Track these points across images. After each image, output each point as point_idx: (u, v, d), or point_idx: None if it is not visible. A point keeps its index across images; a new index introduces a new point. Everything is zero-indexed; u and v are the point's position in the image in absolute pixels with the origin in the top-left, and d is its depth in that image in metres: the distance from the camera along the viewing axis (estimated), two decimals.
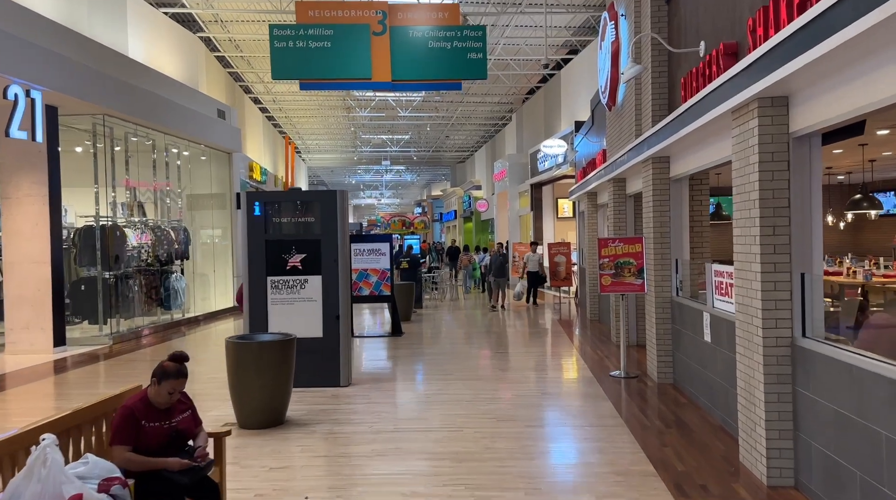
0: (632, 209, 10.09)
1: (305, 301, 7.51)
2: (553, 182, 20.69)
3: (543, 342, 10.78)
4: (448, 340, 11.07)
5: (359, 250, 11.61)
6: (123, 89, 11.41)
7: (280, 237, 7.53)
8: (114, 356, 10.10)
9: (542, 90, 22.64)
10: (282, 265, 7.49)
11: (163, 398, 3.35)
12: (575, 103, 18.49)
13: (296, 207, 7.55)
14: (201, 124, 14.56)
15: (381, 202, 67.68)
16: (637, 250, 7.97)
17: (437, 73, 12.14)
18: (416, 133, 33.59)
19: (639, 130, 8.24)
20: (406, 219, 23.06)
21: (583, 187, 13.45)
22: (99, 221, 11.80)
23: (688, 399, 6.84)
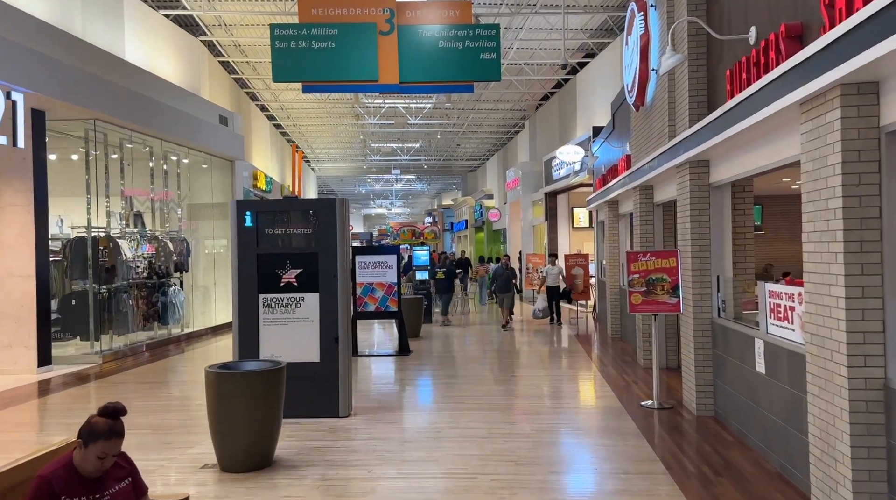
0: (660, 219, 9.27)
1: (301, 322, 6.75)
2: (568, 191, 19.89)
3: (563, 364, 9.94)
4: (459, 360, 10.26)
5: (364, 263, 10.85)
6: (116, 93, 10.77)
7: (273, 250, 6.78)
8: (102, 377, 9.39)
9: (557, 96, 21.89)
10: (275, 282, 6.74)
11: (91, 465, 2.60)
12: (592, 108, 17.71)
13: (291, 218, 6.80)
14: (201, 131, 13.92)
15: (391, 212, 67.12)
16: (671, 265, 7.14)
17: (447, 75, 11.40)
18: (426, 141, 32.94)
19: (672, 131, 7.43)
20: (416, 229, 22.31)
21: (603, 196, 12.64)
22: (91, 232, 11.14)
23: (734, 437, 5.98)
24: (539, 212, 22.06)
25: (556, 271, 14.66)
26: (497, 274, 14.22)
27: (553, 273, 14.62)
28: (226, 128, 15.30)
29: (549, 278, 14.61)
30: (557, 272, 14.61)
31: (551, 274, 14.62)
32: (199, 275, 15.16)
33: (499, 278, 14.04)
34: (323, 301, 6.73)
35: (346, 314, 6.83)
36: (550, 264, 14.99)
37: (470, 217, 36.24)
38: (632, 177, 9.44)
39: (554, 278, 14.57)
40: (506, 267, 14.18)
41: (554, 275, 14.59)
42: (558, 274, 14.59)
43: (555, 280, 14.56)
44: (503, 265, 14.26)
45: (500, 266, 14.41)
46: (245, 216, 6.73)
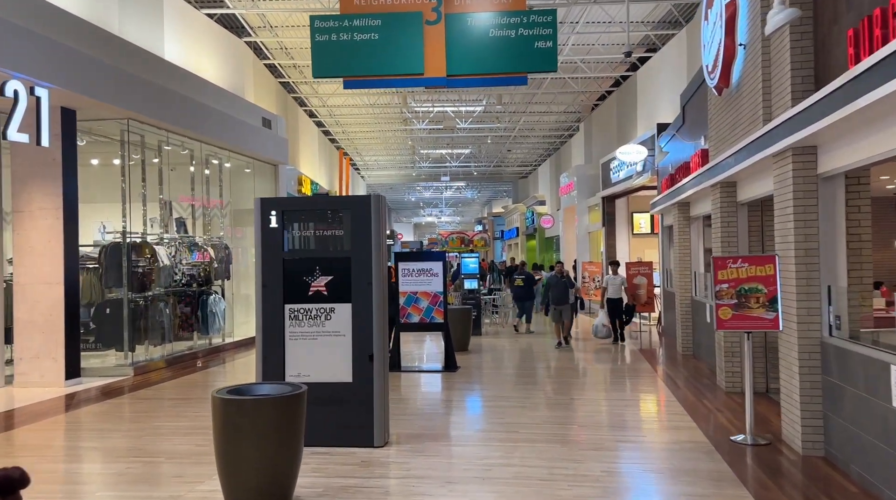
0: (745, 220, 8.06)
1: (331, 336, 5.91)
2: (628, 194, 18.61)
3: (629, 385, 8.80)
4: (510, 378, 9.24)
5: (407, 270, 10.00)
6: (151, 91, 10.31)
7: (301, 255, 5.98)
8: (131, 391, 8.82)
9: (615, 94, 20.65)
10: (303, 290, 5.93)
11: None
12: (655, 105, 16.46)
13: (320, 217, 5.99)
14: (244, 133, 13.42)
15: (441, 221, 66.51)
16: (768, 273, 5.98)
17: (499, 66, 10.48)
18: (476, 147, 32.08)
19: (767, 114, 6.29)
20: (465, 236, 21.44)
21: (671, 197, 11.43)
22: (126, 238, 10.69)
23: (858, 486, 4.79)
24: (595, 217, 20.82)
25: (619, 281, 12.90)
26: (551, 284, 12.72)
27: (615, 284, 12.82)
28: (269, 131, 14.80)
29: (610, 290, 12.76)
30: (620, 283, 12.88)
31: (612, 285, 12.82)
32: (242, 283, 14.65)
33: (553, 288, 12.54)
34: (356, 313, 5.88)
35: (382, 328, 5.95)
36: (612, 274, 13.13)
37: (521, 224, 35.13)
38: (710, 173, 8.27)
39: (615, 290, 12.77)
40: (561, 275, 12.71)
41: (616, 286, 12.81)
42: (620, 285, 12.88)
43: (616, 292, 12.79)
44: (557, 274, 12.78)
45: (554, 275, 12.95)
46: (270, 216, 5.96)
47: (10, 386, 9.10)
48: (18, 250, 9.13)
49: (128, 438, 6.35)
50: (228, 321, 13.56)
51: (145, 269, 11.07)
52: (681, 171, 10.99)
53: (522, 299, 14.88)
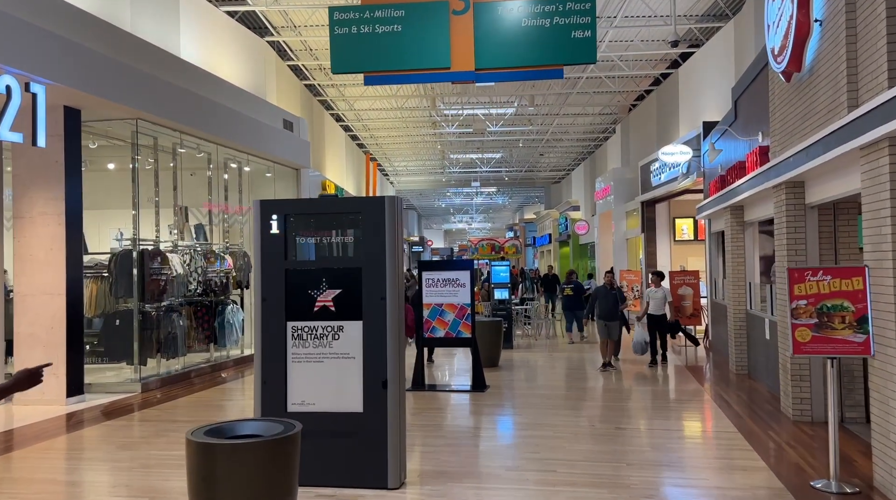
0: (814, 225, 7.04)
1: (340, 358, 5.14)
2: (670, 199, 17.53)
3: (683, 412, 7.82)
4: (546, 402, 8.34)
5: (431, 280, 9.20)
6: (162, 90, 9.75)
7: (306, 265, 5.23)
8: (135, 411, 8.19)
9: (655, 94, 19.60)
10: (308, 305, 5.17)
11: None
12: (700, 103, 15.40)
13: (328, 222, 5.23)
14: (264, 136, 12.83)
15: (471, 227, 65.70)
16: (856, 288, 5.00)
17: (533, 58, 9.61)
18: (507, 151, 31.22)
19: (854, 99, 5.32)
20: (496, 243, 20.59)
21: (722, 201, 10.41)
22: (137, 245, 10.15)
23: None
24: (634, 223, 19.75)
25: (661, 295, 11.10)
26: (599, 295, 11.11)
27: (657, 298, 11.09)
28: (291, 133, 14.21)
29: (652, 304, 11.07)
30: (662, 297, 11.10)
31: (654, 299, 11.10)
32: None
33: (602, 300, 10.93)
34: (368, 332, 5.09)
35: (398, 350, 5.15)
36: (653, 286, 11.29)
37: (554, 231, 34.09)
38: (773, 172, 7.28)
39: (658, 305, 11.05)
40: (610, 287, 11.09)
41: (658, 300, 11.08)
42: (663, 299, 11.12)
43: (659, 307, 11.04)
44: (607, 284, 11.14)
45: (602, 286, 11.22)
46: (270, 220, 5.23)
47: (9, 403, 8.57)
48: (19, 258, 8.62)
49: (114, 471, 5.67)
50: (247, 333, 12.96)
51: (158, 278, 10.52)
52: (733, 171, 9.98)
53: (572, 308, 14.56)
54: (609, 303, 10.89)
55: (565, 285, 15.14)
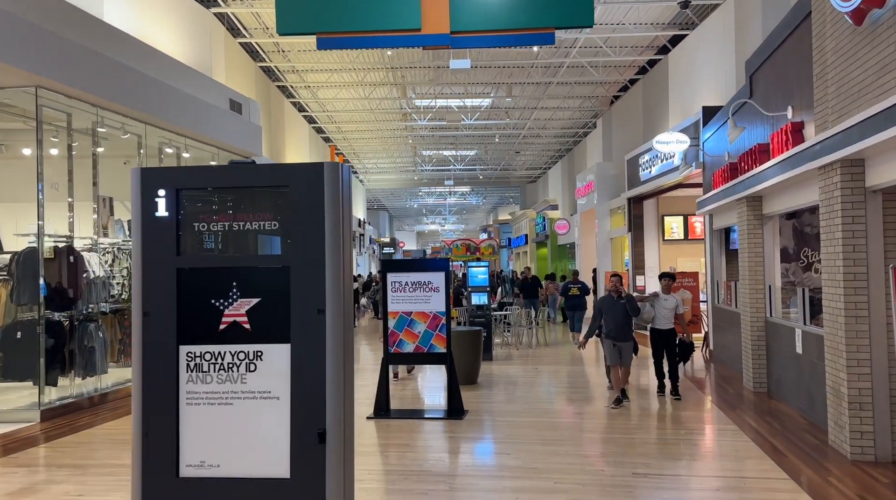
0: (878, 214, 5.64)
1: (257, 399, 3.50)
2: (659, 194, 16.22)
3: (713, 450, 6.37)
4: (539, 435, 6.81)
5: (398, 283, 7.61)
6: (70, 52, 7.99)
7: (208, 263, 3.58)
8: (19, 450, 6.43)
9: (641, 83, 18.31)
10: (210, 322, 3.52)
11: None
12: (694, 90, 14.10)
13: (241, 200, 3.60)
14: (205, 117, 11.10)
15: (444, 228, 64.22)
16: None
17: (519, 20, 8.08)
18: (482, 148, 29.77)
19: None
20: (471, 243, 19.14)
21: (732, 192, 9.05)
22: (42, 242, 8.35)
23: None
24: (619, 221, 18.43)
25: (673, 304, 8.47)
26: (604, 308, 8.21)
27: (667, 308, 8.44)
28: (239, 116, 12.48)
29: (660, 316, 8.43)
30: (674, 307, 8.48)
31: (663, 309, 8.43)
32: None
33: (609, 313, 8.10)
34: (299, 360, 3.47)
35: (343, 385, 3.54)
36: (663, 292, 8.61)
37: (530, 231, 32.76)
38: (821, 149, 5.87)
39: (667, 316, 8.44)
40: (617, 296, 8.13)
41: (667, 311, 8.43)
42: (674, 310, 8.49)
43: (668, 319, 8.45)
44: (612, 293, 8.19)
45: (608, 295, 8.31)
46: (155, 197, 3.57)
47: None
48: None
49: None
50: None
51: (68, 281, 8.72)
52: (749, 157, 8.60)
53: (575, 309, 14.42)
54: (618, 317, 8.02)
55: (571, 285, 15.07)
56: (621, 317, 8.03)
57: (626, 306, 8.05)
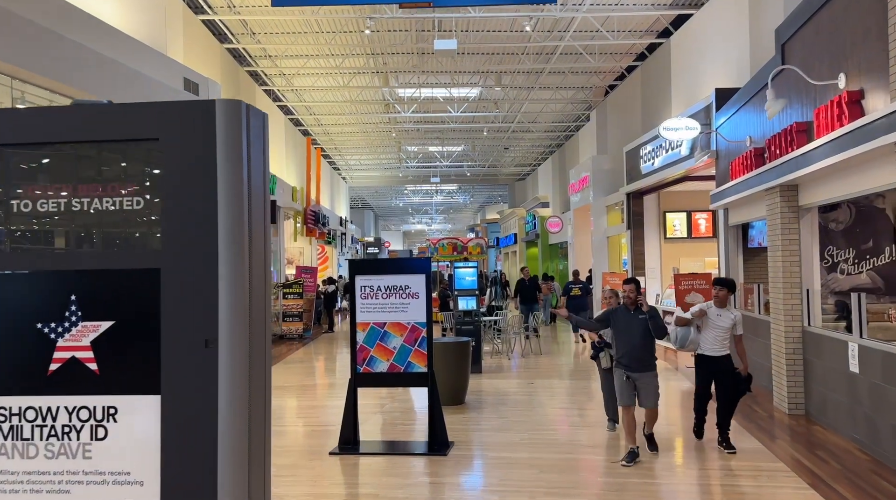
0: None
1: (107, 484, 2.16)
2: (662, 188, 15.00)
3: (765, 494, 5.08)
4: (543, 480, 5.49)
5: (368, 288, 6.28)
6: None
7: (28, 263, 2.23)
8: None
9: (639, 70, 17.11)
10: (33, 360, 2.17)
11: None
12: (700, 73, 12.88)
13: (87, 162, 2.25)
14: (153, 96, 9.67)
15: (431, 228, 62.92)
16: None
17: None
18: (469, 144, 28.48)
19: None
20: (458, 242, 17.91)
21: (761, 181, 7.81)
22: None
23: None
24: (616, 218, 17.20)
25: (729, 322, 6.16)
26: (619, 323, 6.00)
27: (721, 326, 6.15)
28: (196, 98, 11.05)
29: (710, 339, 6.17)
30: (731, 326, 6.17)
31: (717, 329, 6.17)
32: None
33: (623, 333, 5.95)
34: (173, 420, 2.13)
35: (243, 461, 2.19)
36: (717, 306, 6.26)
37: (520, 230, 31.53)
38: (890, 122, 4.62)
39: (719, 340, 6.18)
40: (633, 306, 5.98)
41: (722, 332, 6.16)
42: (731, 330, 6.19)
43: (720, 342, 6.18)
44: (627, 303, 6.02)
45: (621, 306, 6.10)
46: None
47: None
48: None
49: None
50: None
51: None
52: (779, 140, 7.36)
53: (578, 309, 13.96)
54: (635, 338, 5.81)
55: (572, 285, 14.69)
56: (639, 338, 5.84)
57: (646, 323, 5.84)
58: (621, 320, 5.98)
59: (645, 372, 5.87)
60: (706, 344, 6.19)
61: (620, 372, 5.93)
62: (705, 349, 6.20)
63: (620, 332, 5.97)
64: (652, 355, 5.99)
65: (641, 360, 5.89)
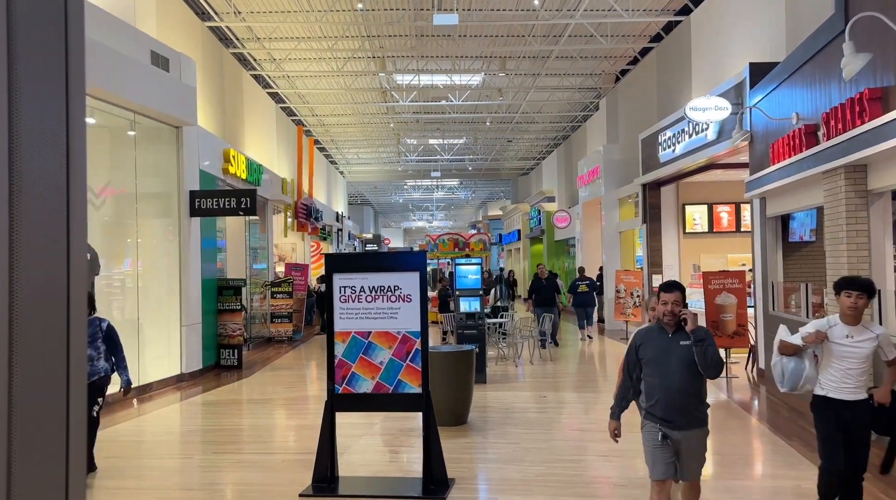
0: None
1: None
2: (679, 180, 13.80)
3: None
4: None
5: (349, 289, 5.09)
6: None
7: None
8: None
9: (655, 52, 15.87)
10: None
11: None
12: (726, 51, 11.66)
13: None
14: (112, 69, 8.48)
15: (432, 225, 61.73)
16: None
17: None
18: (471, 136, 27.26)
19: None
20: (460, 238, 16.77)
21: (820, 161, 6.61)
22: None
23: None
24: (629, 212, 16.00)
25: (871, 346, 3.97)
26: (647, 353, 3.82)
27: (857, 354, 3.96)
28: (166, 74, 9.86)
29: (840, 372, 4.00)
30: (873, 350, 3.98)
31: (851, 359, 3.98)
32: (119, 303, 9.69)
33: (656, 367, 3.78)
34: None
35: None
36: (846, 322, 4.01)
37: (524, 226, 30.33)
38: None
39: (859, 375, 4.00)
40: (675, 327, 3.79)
41: (859, 363, 3.98)
42: (871, 358, 4.02)
43: (860, 378, 4.01)
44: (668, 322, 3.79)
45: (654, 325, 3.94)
46: None
47: None
48: None
49: None
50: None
51: None
52: (843, 113, 6.15)
53: (584, 305, 14.26)
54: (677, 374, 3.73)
55: (579, 282, 14.50)
56: (682, 375, 3.71)
57: (690, 352, 3.70)
58: (654, 347, 3.79)
59: (691, 430, 3.73)
60: (831, 381, 4.01)
61: (653, 429, 3.76)
62: (829, 390, 4.02)
63: (653, 366, 3.77)
64: (701, 401, 3.80)
65: (684, 410, 3.71)
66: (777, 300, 8.83)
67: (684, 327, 3.74)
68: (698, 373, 3.72)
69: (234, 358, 11.37)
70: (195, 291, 10.42)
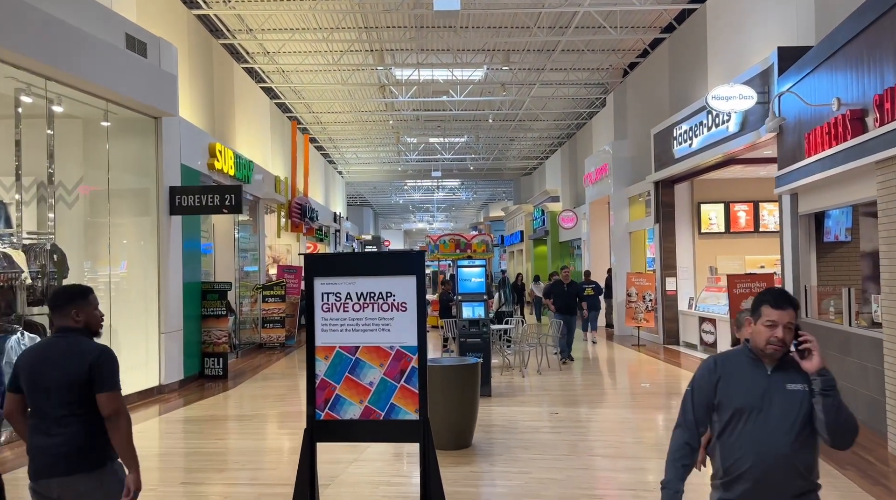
0: None
1: None
2: (694, 177, 13.00)
3: None
4: None
5: (333, 295, 4.31)
6: None
7: None
8: None
9: (667, 43, 15.08)
10: None
11: None
12: (747, 37, 10.87)
13: None
14: (83, 54, 7.70)
15: (432, 226, 60.92)
16: None
17: None
18: (473, 135, 26.47)
19: None
20: (461, 239, 15.97)
21: (869, 151, 5.82)
22: None
23: None
24: (639, 212, 15.21)
25: None
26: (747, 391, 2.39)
27: None
28: (143, 60, 9.07)
29: None
30: None
31: None
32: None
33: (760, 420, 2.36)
34: None
35: None
36: None
37: (527, 227, 29.53)
38: None
39: None
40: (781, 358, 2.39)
41: None
42: None
43: None
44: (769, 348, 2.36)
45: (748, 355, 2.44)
46: None
47: None
48: None
49: None
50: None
51: None
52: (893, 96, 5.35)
53: (589, 309, 14.07)
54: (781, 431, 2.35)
55: (585, 285, 14.21)
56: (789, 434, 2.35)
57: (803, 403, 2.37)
58: (745, 388, 2.42)
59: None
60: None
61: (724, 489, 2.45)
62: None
63: (743, 416, 2.40)
64: (811, 484, 2.41)
65: (787, 484, 2.37)
66: (811, 307, 8.03)
67: (794, 362, 2.36)
68: (813, 437, 2.37)
69: (220, 367, 10.57)
70: (176, 295, 9.63)
